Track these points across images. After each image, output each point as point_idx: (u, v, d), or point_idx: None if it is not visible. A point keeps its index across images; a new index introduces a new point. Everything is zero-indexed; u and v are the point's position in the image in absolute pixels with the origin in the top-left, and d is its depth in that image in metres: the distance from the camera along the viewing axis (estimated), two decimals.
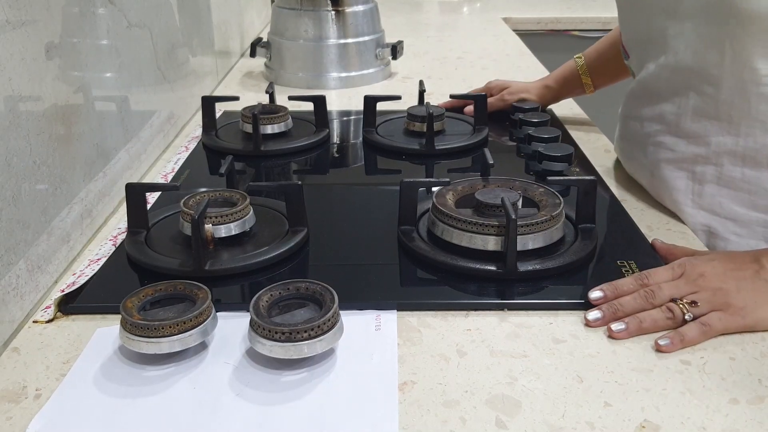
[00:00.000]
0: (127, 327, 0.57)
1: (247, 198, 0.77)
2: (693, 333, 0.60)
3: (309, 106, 1.13)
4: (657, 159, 0.85)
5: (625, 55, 0.94)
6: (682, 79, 0.79)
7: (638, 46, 0.88)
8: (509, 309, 0.66)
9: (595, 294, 0.65)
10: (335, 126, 1.21)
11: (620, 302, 0.63)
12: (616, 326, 0.61)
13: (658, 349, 0.60)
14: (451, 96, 1.19)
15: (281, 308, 0.60)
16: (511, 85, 1.22)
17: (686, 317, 0.61)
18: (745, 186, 0.78)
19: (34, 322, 0.65)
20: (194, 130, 1.17)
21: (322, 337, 0.56)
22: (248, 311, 0.58)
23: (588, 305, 0.65)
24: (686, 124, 0.80)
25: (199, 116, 1.18)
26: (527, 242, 0.70)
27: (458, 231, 0.72)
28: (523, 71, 1.56)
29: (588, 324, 0.63)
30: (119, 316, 0.58)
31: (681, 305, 0.62)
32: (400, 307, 0.66)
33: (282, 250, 0.73)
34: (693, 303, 0.62)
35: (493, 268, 0.69)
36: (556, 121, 1.17)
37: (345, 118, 1.26)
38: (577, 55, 1.17)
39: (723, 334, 0.61)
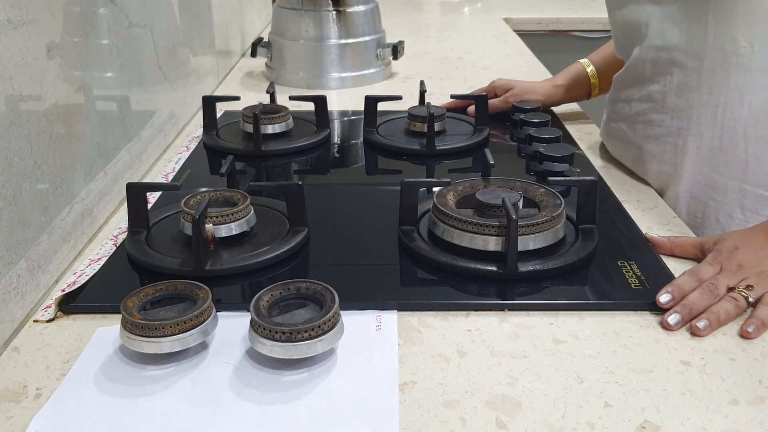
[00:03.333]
0: (128, 326, 0.57)
1: (247, 198, 0.77)
2: (766, 312, 0.63)
3: (310, 106, 1.13)
4: (645, 135, 0.91)
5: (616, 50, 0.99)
6: (667, 56, 0.85)
7: (626, 35, 0.93)
8: (510, 309, 0.66)
9: (664, 297, 0.65)
10: (336, 126, 1.21)
11: (691, 301, 0.64)
12: (701, 323, 0.62)
13: (747, 336, 0.61)
14: (452, 96, 1.19)
15: (282, 308, 0.60)
16: (515, 85, 1.21)
17: (750, 300, 0.64)
18: (722, 156, 0.83)
19: (34, 321, 0.65)
20: (195, 129, 1.17)
21: (322, 337, 0.56)
22: (249, 311, 0.58)
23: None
24: (671, 100, 0.86)
25: (199, 116, 1.18)
26: (528, 242, 0.70)
27: (459, 231, 0.72)
28: (524, 71, 1.56)
29: (668, 328, 0.63)
30: (120, 316, 0.58)
31: (740, 291, 0.65)
32: (401, 307, 0.66)
33: (282, 250, 0.73)
34: (749, 287, 0.65)
35: (493, 268, 0.69)
36: (557, 122, 1.17)
37: (346, 118, 1.26)
38: (582, 60, 1.17)
39: None
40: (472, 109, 1.18)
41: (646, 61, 0.88)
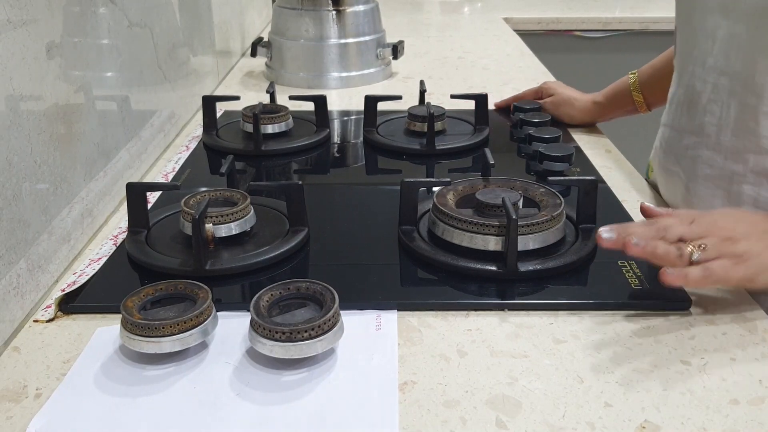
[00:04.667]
0: (128, 326, 0.57)
1: (247, 198, 0.77)
2: (695, 274, 0.61)
3: (310, 106, 1.14)
4: (694, 174, 0.81)
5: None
6: (727, 84, 0.75)
7: (689, 46, 0.83)
8: (510, 309, 0.66)
9: (606, 233, 0.65)
10: (336, 126, 1.21)
11: (633, 229, 0.64)
12: (633, 240, 0.62)
13: (662, 277, 0.61)
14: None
15: (282, 308, 0.60)
16: (557, 93, 1.17)
17: (693, 257, 0.62)
18: None
19: (34, 321, 0.65)
20: (195, 129, 1.17)
21: (322, 336, 0.56)
22: (249, 311, 0.58)
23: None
24: (725, 138, 0.76)
25: (199, 116, 1.18)
26: (528, 242, 0.70)
27: (459, 231, 0.72)
28: (524, 71, 1.56)
29: (599, 241, 0.63)
30: (120, 316, 0.58)
31: (690, 246, 0.63)
32: (401, 307, 0.66)
33: (282, 250, 0.73)
34: (701, 246, 0.63)
35: (493, 268, 0.69)
36: (557, 122, 1.17)
37: (345, 118, 1.26)
38: (631, 72, 1.09)
39: (725, 287, 0.64)
40: (538, 101, 1.17)
41: (707, 84, 0.77)
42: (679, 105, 0.84)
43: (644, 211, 0.73)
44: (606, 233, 0.64)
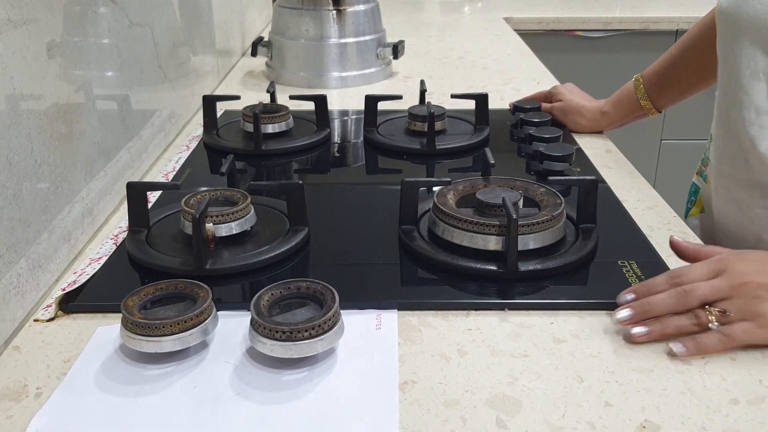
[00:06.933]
0: (128, 326, 0.57)
1: (248, 197, 0.77)
2: (711, 341, 0.58)
3: (310, 106, 1.13)
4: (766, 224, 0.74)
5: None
6: None
7: (734, 91, 0.75)
8: (510, 309, 0.66)
9: (627, 296, 0.62)
10: (336, 125, 1.21)
11: (651, 301, 0.60)
12: (637, 330, 0.59)
13: (670, 353, 0.58)
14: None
15: (282, 307, 0.60)
16: (565, 99, 1.14)
17: (712, 326, 0.58)
18: None
19: (35, 320, 0.65)
20: (195, 129, 1.17)
21: (322, 336, 0.56)
22: (249, 310, 0.58)
23: (614, 306, 0.63)
24: None
25: (200, 115, 1.18)
26: (528, 242, 0.70)
27: (459, 231, 0.72)
28: (524, 71, 1.55)
29: (619, 323, 0.61)
30: (120, 315, 0.58)
31: (710, 312, 0.59)
32: (401, 307, 0.66)
33: (283, 250, 0.73)
34: (723, 312, 0.58)
35: (493, 267, 0.69)
36: (557, 121, 1.17)
37: (346, 118, 1.26)
38: (636, 76, 1.07)
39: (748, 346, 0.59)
40: (546, 105, 1.16)
41: (764, 129, 0.70)
42: (727, 150, 0.78)
43: (674, 245, 0.68)
44: (621, 314, 0.60)
